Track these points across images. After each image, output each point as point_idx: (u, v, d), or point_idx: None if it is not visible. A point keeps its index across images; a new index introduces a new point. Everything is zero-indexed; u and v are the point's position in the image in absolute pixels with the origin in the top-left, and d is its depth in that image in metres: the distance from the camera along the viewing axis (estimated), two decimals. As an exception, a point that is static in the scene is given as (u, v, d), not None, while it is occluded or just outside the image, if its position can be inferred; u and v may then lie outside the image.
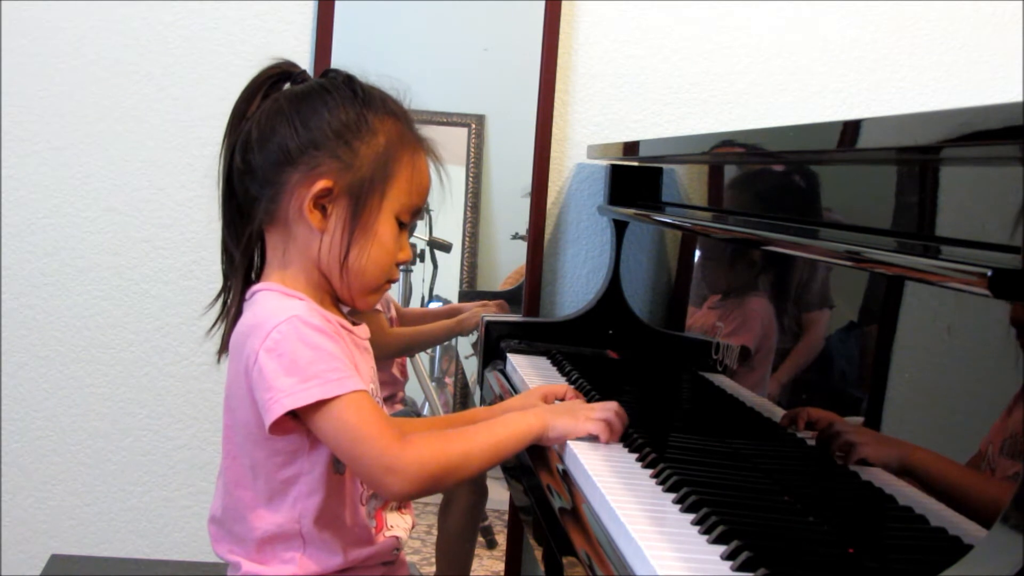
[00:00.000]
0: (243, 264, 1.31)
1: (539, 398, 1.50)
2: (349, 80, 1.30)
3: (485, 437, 1.29)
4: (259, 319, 1.23)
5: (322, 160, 1.26)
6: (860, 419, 1.13)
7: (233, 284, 1.32)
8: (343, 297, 1.32)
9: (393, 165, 1.28)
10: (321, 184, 1.25)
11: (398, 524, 1.37)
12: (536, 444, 1.35)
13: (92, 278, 2.18)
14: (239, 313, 1.29)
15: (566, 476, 1.29)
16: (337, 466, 1.26)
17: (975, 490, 0.91)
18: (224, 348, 1.31)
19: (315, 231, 1.27)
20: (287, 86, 1.32)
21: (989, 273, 0.84)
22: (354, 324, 1.33)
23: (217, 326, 1.32)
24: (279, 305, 1.24)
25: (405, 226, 1.31)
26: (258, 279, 1.32)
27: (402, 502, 1.39)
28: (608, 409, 1.38)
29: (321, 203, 1.26)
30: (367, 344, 1.34)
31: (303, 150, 1.26)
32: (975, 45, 2.34)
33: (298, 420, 1.22)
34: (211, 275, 2.18)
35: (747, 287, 1.51)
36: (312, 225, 1.26)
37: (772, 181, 1.52)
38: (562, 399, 1.51)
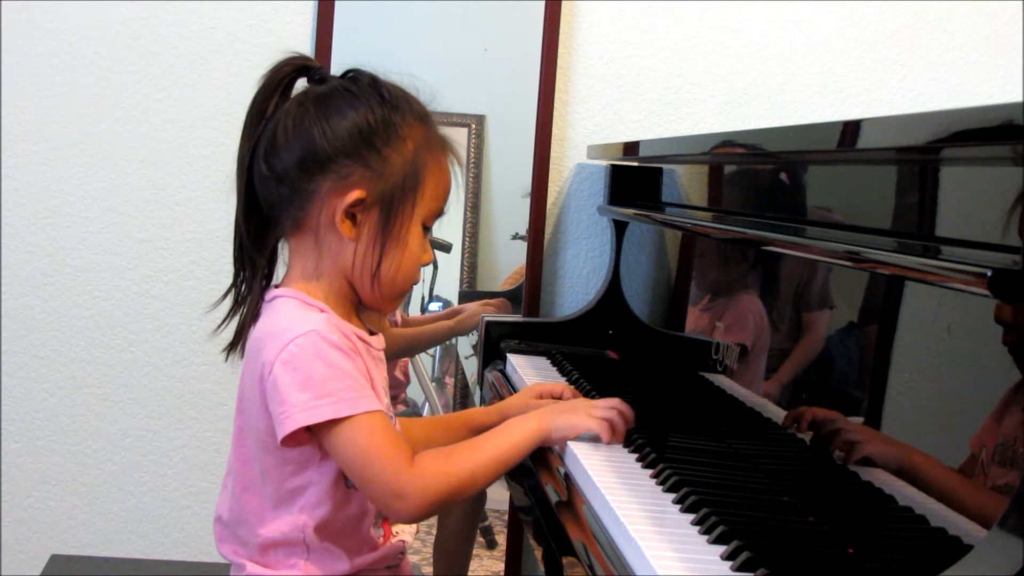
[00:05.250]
0: (263, 266, 1.29)
1: (535, 396, 1.49)
2: (375, 82, 1.27)
3: (489, 451, 1.27)
4: (278, 328, 1.22)
5: (354, 169, 1.23)
6: (860, 419, 1.13)
7: (249, 284, 1.28)
8: (369, 303, 1.30)
9: (422, 172, 1.26)
10: (355, 195, 1.22)
11: (404, 528, 1.37)
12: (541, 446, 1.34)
13: (92, 278, 2.18)
14: (257, 315, 1.27)
15: (566, 476, 1.29)
16: (348, 479, 1.25)
17: (972, 490, 0.91)
18: (234, 346, 1.29)
19: (345, 240, 1.24)
20: (304, 81, 1.28)
21: (989, 273, 0.84)
22: (370, 334, 1.31)
23: (226, 323, 1.30)
24: (299, 316, 1.22)
25: (429, 230, 1.30)
26: (270, 279, 1.30)
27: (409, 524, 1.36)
28: (611, 407, 1.36)
29: (352, 212, 1.24)
30: (382, 355, 1.32)
31: (333, 158, 1.23)
32: (975, 45, 2.34)
33: (311, 433, 1.21)
34: (211, 275, 2.19)
35: (744, 286, 1.51)
36: (343, 235, 1.24)
37: (772, 181, 1.52)
38: (558, 398, 1.49)
